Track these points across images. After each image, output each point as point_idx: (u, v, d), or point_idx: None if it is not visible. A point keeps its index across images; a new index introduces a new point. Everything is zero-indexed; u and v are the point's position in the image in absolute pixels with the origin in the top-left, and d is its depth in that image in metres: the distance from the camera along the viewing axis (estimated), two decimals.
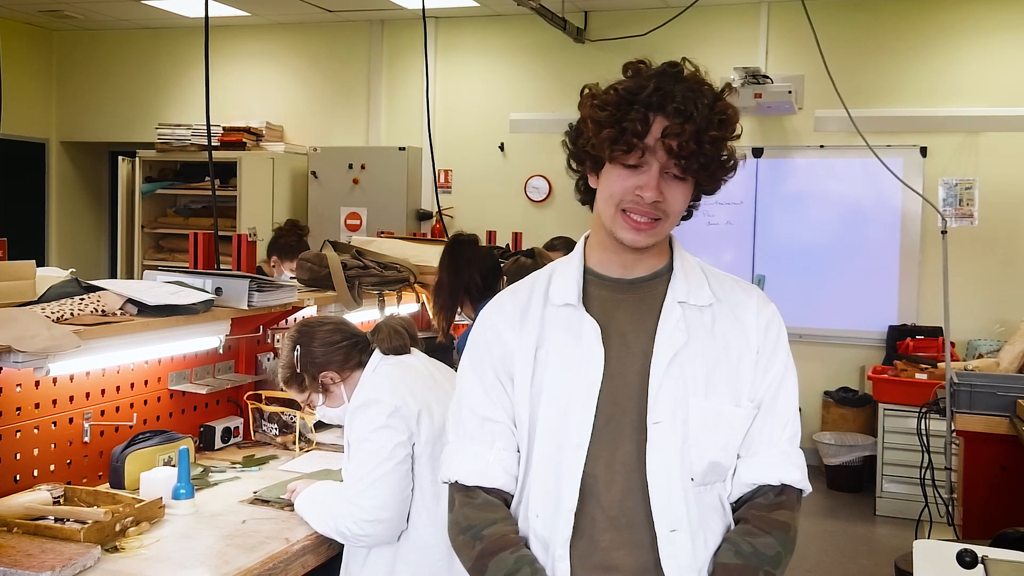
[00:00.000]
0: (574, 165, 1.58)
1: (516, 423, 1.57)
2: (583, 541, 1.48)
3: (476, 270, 3.20)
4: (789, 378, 1.57)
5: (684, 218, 1.58)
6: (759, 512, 1.50)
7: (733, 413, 1.51)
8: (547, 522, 1.50)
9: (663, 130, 1.42)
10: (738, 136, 1.49)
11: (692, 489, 1.48)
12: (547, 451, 1.51)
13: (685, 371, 1.49)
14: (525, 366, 1.55)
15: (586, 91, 1.51)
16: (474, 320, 3.28)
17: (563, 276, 1.59)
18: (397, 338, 2.43)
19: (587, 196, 1.59)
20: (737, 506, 1.54)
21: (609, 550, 1.47)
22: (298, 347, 2.39)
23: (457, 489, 1.58)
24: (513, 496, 1.58)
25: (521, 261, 3.46)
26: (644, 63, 1.48)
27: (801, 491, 1.55)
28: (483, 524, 1.52)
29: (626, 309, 1.54)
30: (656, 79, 1.44)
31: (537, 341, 1.55)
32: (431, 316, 3.40)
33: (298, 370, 2.40)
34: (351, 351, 2.41)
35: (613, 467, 1.48)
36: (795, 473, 1.53)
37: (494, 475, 1.55)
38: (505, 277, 3.44)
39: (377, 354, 2.41)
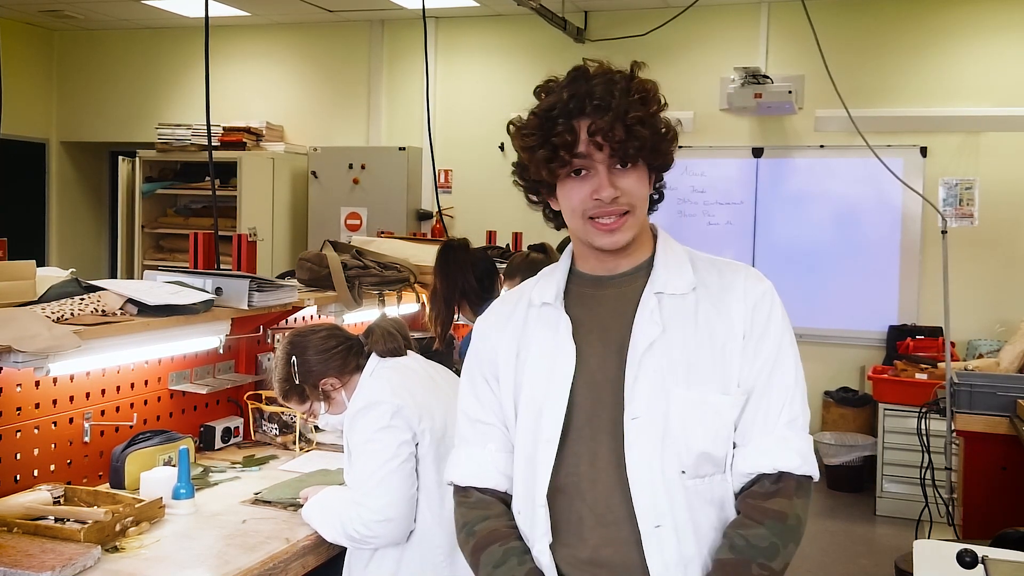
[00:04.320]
0: (533, 199, 1.59)
1: (506, 424, 1.59)
2: (572, 538, 1.49)
3: (470, 273, 3.21)
4: (785, 359, 1.50)
5: (657, 200, 1.58)
6: (753, 502, 1.47)
7: (720, 401, 1.47)
8: (527, 518, 1.52)
9: (588, 129, 1.43)
10: (665, 106, 1.49)
11: (682, 482, 1.45)
12: (524, 448, 1.53)
13: (662, 362, 1.46)
14: (508, 367, 1.58)
15: (511, 127, 1.54)
16: (475, 322, 3.30)
17: (548, 278, 1.61)
18: (391, 340, 2.41)
19: (557, 220, 1.60)
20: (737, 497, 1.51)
21: (597, 547, 1.47)
22: (294, 358, 2.35)
23: (455, 491, 1.63)
24: (510, 494, 1.59)
25: (532, 256, 3.43)
26: (553, 80, 1.51)
27: (807, 476, 1.48)
28: (475, 521, 1.57)
29: (606, 304, 1.54)
30: (567, 87, 1.47)
31: (519, 342, 1.58)
32: (428, 323, 3.40)
33: (297, 381, 2.36)
34: (348, 356, 2.38)
35: (596, 464, 1.48)
36: (792, 459, 1.47)
37: (486, 476, 1.59)
38: (503, 275, 3.44)
39: (374, 357, 2.39)
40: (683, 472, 1.46)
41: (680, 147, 1.55)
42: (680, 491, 1.45)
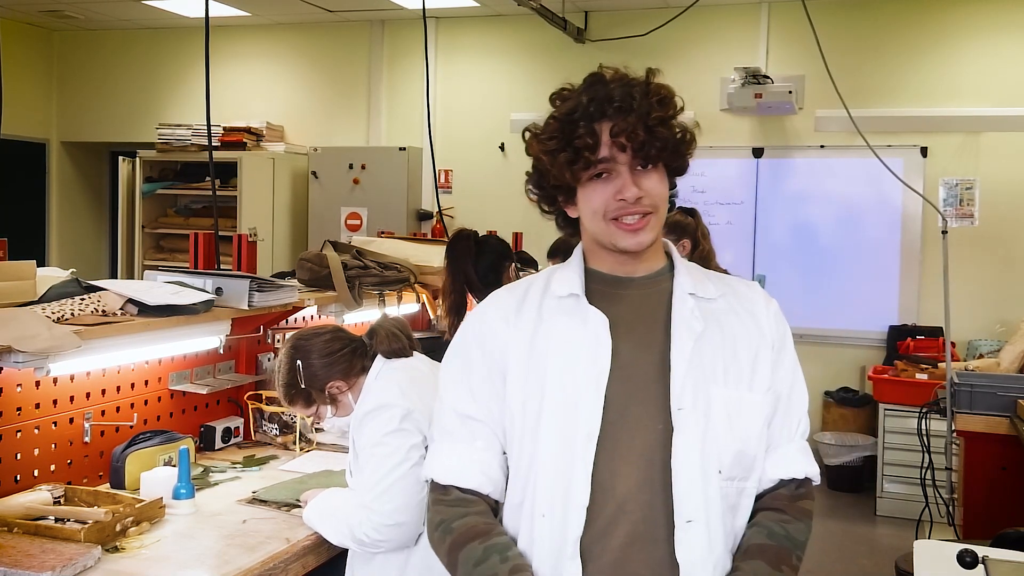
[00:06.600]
0: (546, 207, 1.59)
1: (510, 420, 1.52)
2: (596, 537, 1.44)
3: (469, 263, 3.21)
4: (799, 373, 1.60)
5: (668, 209, 1.58)
6: (786, 501, 1.54)
7: (752, 401, 1.51)
8: (557, 521, 1.45)
9: (610, 131, 1.44)
10: (682, 110, 1.51)
11: (718, 482, 1.46)
12: (553, 446, 1.47)
13: (704, 359, 1.48)
14: (520, 357, 1.52)
15: (527, 133, 1.54)
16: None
17: (565, 271, 1.58)
18: (396, 340, 2.37)
19: (571, 228, 1.60)
20: (757, 499, 1.55)
21: (623, 546, 1.44)
22: (298, 362, 2.31)
23: (433, 487, 1.56)
24: (492, 498, 1.53)
25: (573, 241, 3.34)
26: (567, 87, 1.52)
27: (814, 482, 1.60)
28: (454, 517, 1.49)
29: (629, 303, 1.53)
30: (586, 92, 1.47)
31: (533, 331, 1.53)
32: (441, 315, 3.40)
33: (303, 386, 2.32)
34: (353, 358, 2.35)
35: (629, 459, 1.45)
36: (813, 467, 1.58)
37: (470, 475, 1.51)
38: (548, 254, 3.41)
39: (380, 358, 2.35)
40: (719, 472, 1.47)
41: None
42: (716, 491, 1.46)
